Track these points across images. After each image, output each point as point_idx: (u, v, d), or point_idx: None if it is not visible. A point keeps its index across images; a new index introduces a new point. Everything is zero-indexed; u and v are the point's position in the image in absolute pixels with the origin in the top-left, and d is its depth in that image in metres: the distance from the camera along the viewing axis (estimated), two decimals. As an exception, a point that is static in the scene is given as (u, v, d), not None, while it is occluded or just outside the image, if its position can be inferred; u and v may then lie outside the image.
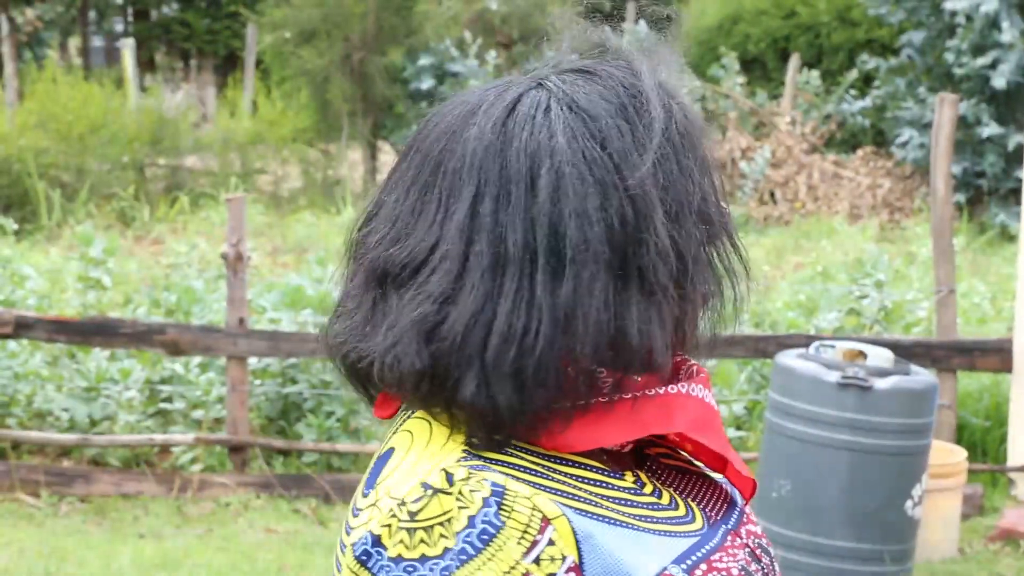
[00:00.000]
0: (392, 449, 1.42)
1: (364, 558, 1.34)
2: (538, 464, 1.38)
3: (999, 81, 16.04)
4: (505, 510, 1.32)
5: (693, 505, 1.46)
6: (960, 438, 7.89)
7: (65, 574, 6.51)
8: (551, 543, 1.32)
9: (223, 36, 33.01)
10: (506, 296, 1.33)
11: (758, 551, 1.48)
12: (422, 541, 1.32)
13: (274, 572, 6.58)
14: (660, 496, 1.45)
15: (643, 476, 1.46)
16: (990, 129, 16.17)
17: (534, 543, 1.31)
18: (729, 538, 1.45)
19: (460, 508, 1.32)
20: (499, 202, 1.35)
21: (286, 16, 19.59)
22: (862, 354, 6.04)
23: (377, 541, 1.33)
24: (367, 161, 19.42)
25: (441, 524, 1.31)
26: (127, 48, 21.12)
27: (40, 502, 7.52)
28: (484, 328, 1.32)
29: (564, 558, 1.32)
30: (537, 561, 1.31)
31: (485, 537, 1.31)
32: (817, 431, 5.93)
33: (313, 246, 13.31)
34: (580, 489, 1.38)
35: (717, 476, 1.53)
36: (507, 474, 1.35)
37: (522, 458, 1.38)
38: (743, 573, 1.43)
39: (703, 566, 1.39)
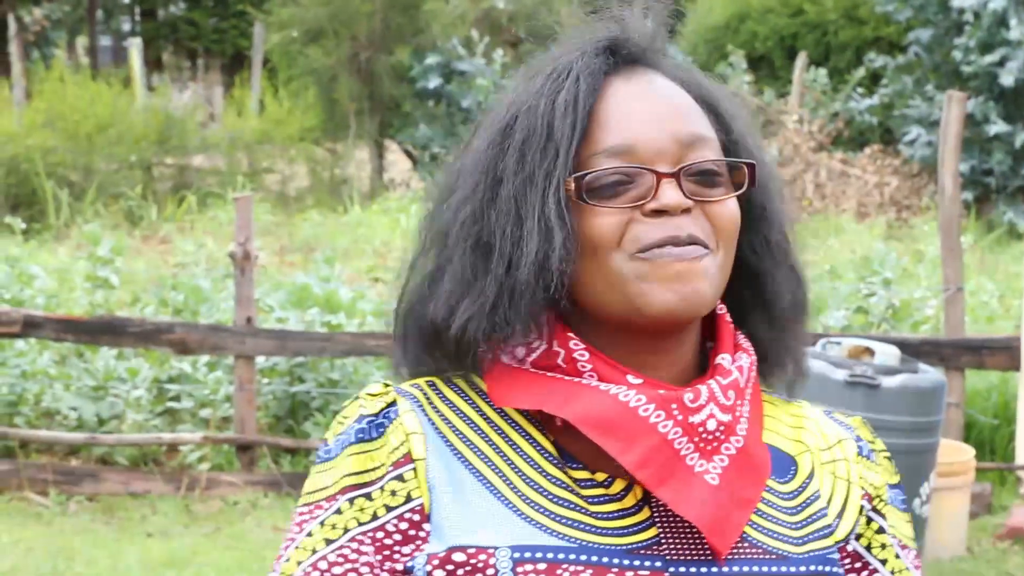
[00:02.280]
0: None
1: None
2: (482, 416, 1.50)
3: (1007, 79, 16.02)
4: (385, 434, 1.46)
5: (651, 532, 1.44)
6: (968, 436, 7.87)
7: (73, 573, 6.52)
8: (400, 478, 1.45)
9: (230, 35, 33.03)
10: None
11: None
12: (335, 433, 1.50)
13: (282, 571, 6.57)
14: (617, 504, 1.44)
15: (637, 488, 1.45)
16: (998, 127, 16.15)
17: (386, 473, 1.45)
18: (643, 573, 1.41)
19: (351, 416, 1.50)
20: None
21: (293, 15, 19.59)
22: (868, 351, 6.04)
23: None
24: (374, 160, 19.42)
25: (341, 423, 1.51)
26: (134, 47, 21.15)
27: (48, 501, 7.53)
28: None
29: (410, 499, 1.44)
30: (382, 488, 1.45)
31: (342, 446, 1.48)
32: (825, 429, 5.92)
33: (320, 245, 13.32)
34: (495, 450, 1.47)
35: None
36: (421, 404, 1.48)
37: (475, 405, 1.50)
38: None
39: (540, 565, 1.39)
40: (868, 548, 1.58)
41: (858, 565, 1.57)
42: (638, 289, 1.43)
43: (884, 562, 1.59)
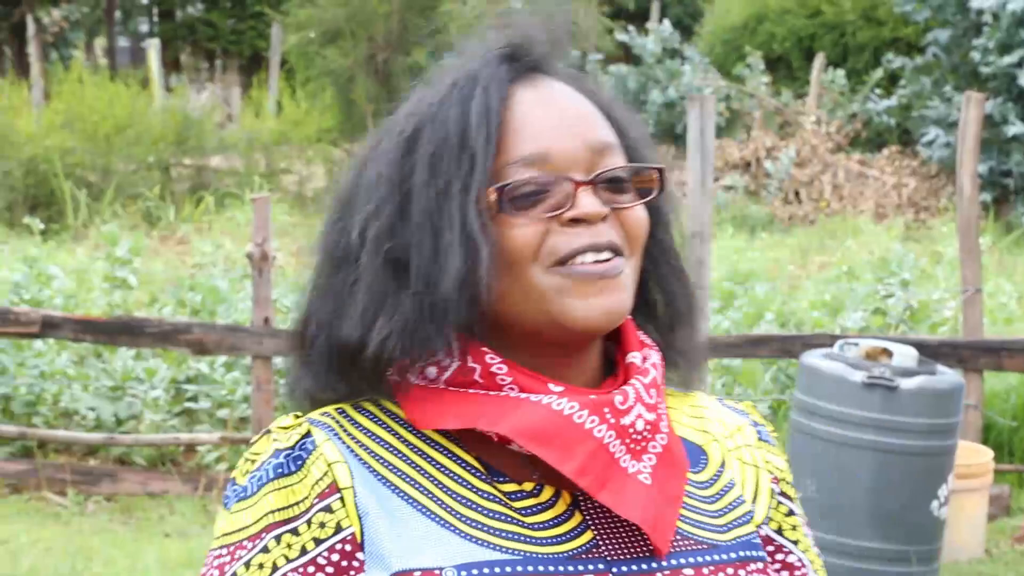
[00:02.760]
0: None
1: None
2: (400, 439, 1.46)
3: (1025, 80, 15.99)
4: (305, 467, 1.43)
5: (587, 535, 1.44)
6: (986, 438, 7.85)
7: (91, 573, 6.53)
8: (328, 509, 1.41)
9: (248, 36, 33.10)
10: None
11: None
12: (246, 471, 1.46)
13: (299, 571, 6.58)
14: (550, 512, 1.44)
15: (565, 494, 1.45)
16: (1016, 128, 16.11)
17: (312, 505, 1.41)
18: None
19: (264, 451, 1.45)
20: None
21: (311, 16, 19.63)
22: (886, 352, 6.03)
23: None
24: (392, 161, 19.43)
25: (253, 461, 1.46)
26: (152, 48, 21.21)
27: (67, 501, 7.55)
28: None
29: (340, 529, 1.41)
30: (309, 522, 1.41)
31: (260, 483, 1.43)
32: (843, 431, 5.92)
33: (338, 246, 13.30)
34: (420, 472, 1.44)
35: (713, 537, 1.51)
36: (337, 433, 1.45)
37: (390, 429, 1.47)
38: None
39: None
40: (779, 531, 1.60)
41: (771, 548, 1.59)
42: (560, 305, 1.42)
43: (796, 543, 1.61)
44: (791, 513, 1.62)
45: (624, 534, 1.45)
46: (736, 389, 8.40)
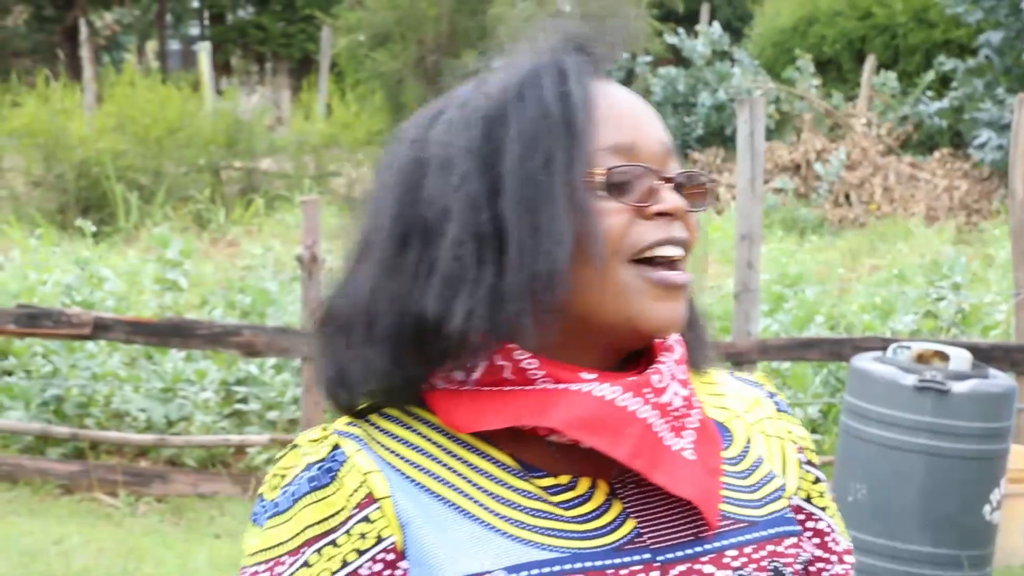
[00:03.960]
0: None
1: None
2: (432, 443, 1.44)
3: (1079, 81, 15.85)
4: (338, 478, 1.41)
5: (629, 525, 1.43)
6: (1039, 443, 7.79)
7: (142, 573, 6.57)
8: (367, 520, 1.40)
9: (298, 39, 33.25)
10: None
11: None
12: (275, 486, 1.46)
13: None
14: (589, 505, 1.43)
15: (602, 483, 1.44)
16: (1070, 130, 15.97)
17: (350, 516, 1.40)
18: (636, 568, 1.41)
19: (294, 465, 1.44)
20: None
21: (360, 19, 19.70)
22: (939, 355, 5.99)
23: None
24: (441, 163, 19.46)
25: (283, 476, 1.45)
26: (203, 51, 21.34)
27: (118, 502, 7.60)
28: None
29: (381, 539, 1.39)
30: (348, 533, 1.40)
31: (294, 497, 1.42)
32: (894, 435, 5.88)
33: (387, 248, 13.32)
34: (457, 475, 1.43)
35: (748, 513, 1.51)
36: (367, 443, 1.43)
37: (421, 434, 1.45)
38: None
39: None
40: (808, 499, 1.61)
41: (801, 516, 1.60)
42: (639, 306, 1.42)
43: (824, 509, 1.63)
44: (817, 480, 1.63)
45: (666, 520, 1.45)
46: (786, 392, 8.37)
